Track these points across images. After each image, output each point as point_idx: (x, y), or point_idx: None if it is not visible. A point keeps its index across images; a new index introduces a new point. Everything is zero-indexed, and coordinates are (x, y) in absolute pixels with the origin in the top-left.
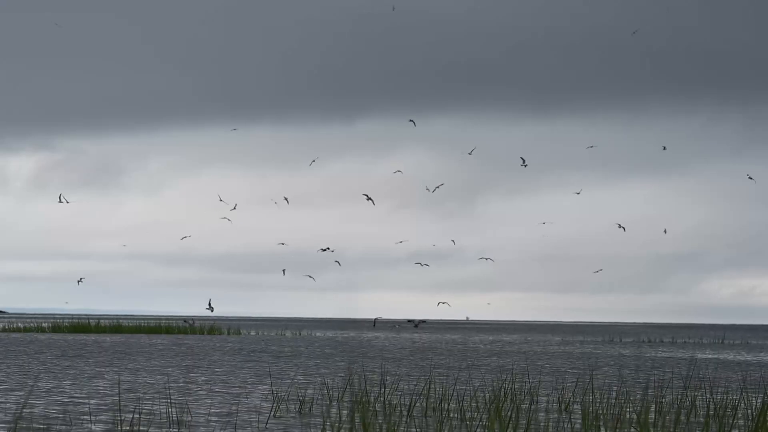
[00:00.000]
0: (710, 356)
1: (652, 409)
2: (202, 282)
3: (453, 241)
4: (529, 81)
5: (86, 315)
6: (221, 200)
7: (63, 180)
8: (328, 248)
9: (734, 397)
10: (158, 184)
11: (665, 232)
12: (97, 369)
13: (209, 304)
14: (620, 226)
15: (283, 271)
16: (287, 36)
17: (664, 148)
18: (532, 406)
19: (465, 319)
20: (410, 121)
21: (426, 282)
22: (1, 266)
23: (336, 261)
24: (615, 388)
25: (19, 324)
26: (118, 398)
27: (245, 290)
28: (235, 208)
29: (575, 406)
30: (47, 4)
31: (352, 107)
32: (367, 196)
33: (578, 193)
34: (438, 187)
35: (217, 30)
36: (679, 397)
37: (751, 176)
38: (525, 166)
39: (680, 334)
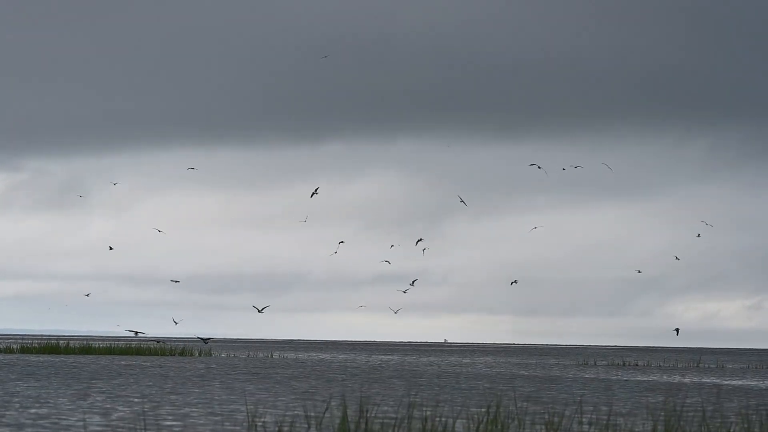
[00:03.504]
0: (696, 380)
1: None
2: (168, 303)
3: (412, 283)
4: (497, 104)
5: (55, 336)
6: (159, 231)
7: (28, 200)
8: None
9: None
10: (124, 205)
11: (639, 271)
12: (70, 392)
13: (260, 308)
14: (706, 224)
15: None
16: (256, 58)
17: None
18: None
19: (443, 341)
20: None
21: (389, 304)
22: None
23: (173, 280)
24: (606, 411)
25: None
26: (84, 423)
27: (210, 311)
28: (336, 251)
29: None
30: (12, 24)
31: (321, 129)
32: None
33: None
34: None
35: (185, 51)
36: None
37: (717, 200)
38: (464, 204)
39: (654, 357)
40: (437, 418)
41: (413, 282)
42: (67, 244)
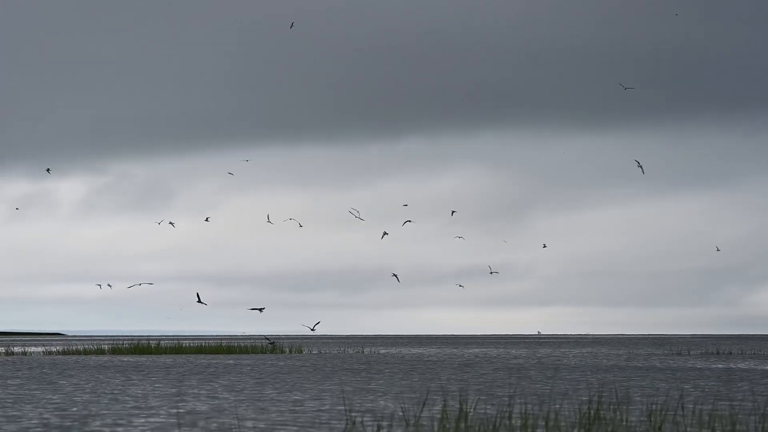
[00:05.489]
0: None
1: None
2: (253, 302)
3: (491, 269)
4: (579, 96)
5: (146, 336)
6: (269, 221)
7: (112, 203)
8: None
9: None
10: (208, 206)
11: (717, 249)
12: (165, 390)
13: (198, 297)
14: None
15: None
16: (337, 55)
17: None
18: (622, 424)
19: (537, 333)
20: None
21: (474, 298)
22: (55, 289)
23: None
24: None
25: (79, 346)
26: (177, 420)
27: (296, 309)
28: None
29: (667, 425)
30: (96, 27)
31: (402, 125)
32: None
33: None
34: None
35: (265, 50)
36: None
37: None
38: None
39: (746, 345)
40: (540, 412)
41: (492, 272)
42: (151, 246)
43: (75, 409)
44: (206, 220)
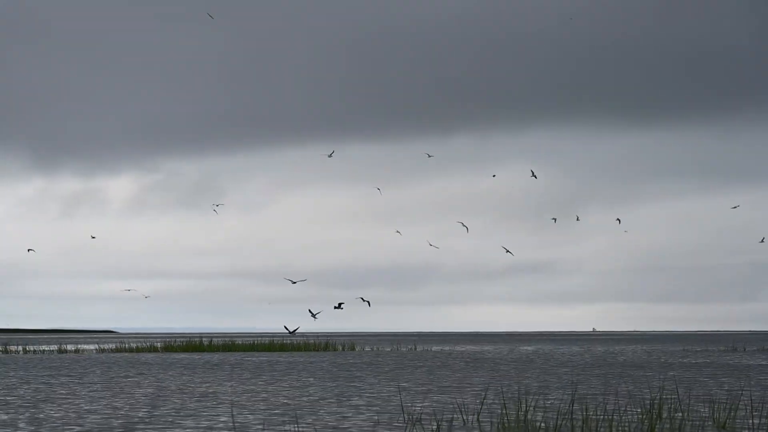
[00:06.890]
0: None
1: None
2: (302, 298)
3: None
4: (627, 92)
5: (197, 333)
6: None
7: (163, 200)
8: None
9: None
10: (258, 203)
11: (762, 240)
12: (234, 388)
13: (312, 314)
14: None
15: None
16: (385, 52)
17: None
18: (686, 423)
19: (591, 330)
20: None
21: (525, 294)
22: (106, 286)
23: None
24: None
25: (132, 344)
26: (231, 420)
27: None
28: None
29: (731, 422)
30: (148, 27)
31: (451, 122)
32: (462, 223)
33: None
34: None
35: (314, 47)
36: None
37: None
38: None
39: None
40: (601, 411)
41: (340, 304)
42: (200, 242)
43: (162, 407)
44: (215, 208)
